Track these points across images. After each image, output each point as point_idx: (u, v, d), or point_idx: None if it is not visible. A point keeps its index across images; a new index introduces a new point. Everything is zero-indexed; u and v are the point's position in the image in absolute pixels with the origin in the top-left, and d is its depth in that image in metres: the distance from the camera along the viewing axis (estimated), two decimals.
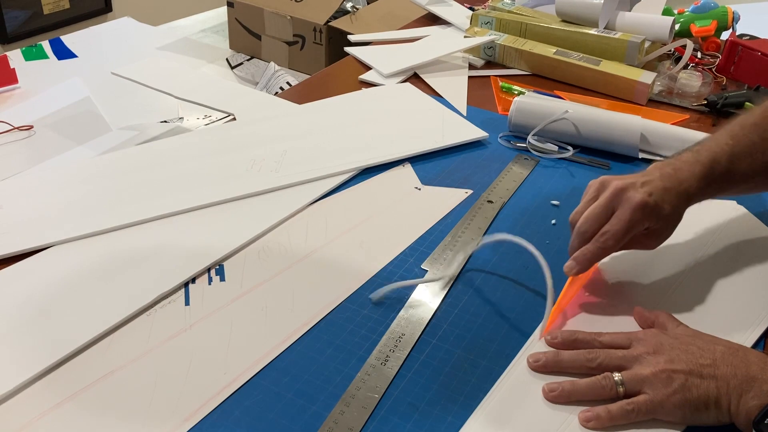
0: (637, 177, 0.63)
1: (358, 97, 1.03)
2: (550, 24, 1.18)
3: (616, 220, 0.60)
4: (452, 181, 0.83)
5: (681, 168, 0.63)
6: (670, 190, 0.61)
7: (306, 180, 0.81)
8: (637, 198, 0.60)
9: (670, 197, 0.61)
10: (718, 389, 0.50)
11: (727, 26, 1.23)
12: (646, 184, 0.61)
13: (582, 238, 0.62)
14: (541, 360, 0.55)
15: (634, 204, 0.60)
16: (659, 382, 0.51)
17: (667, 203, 0.61)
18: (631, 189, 0.61)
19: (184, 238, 0.71)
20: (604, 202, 0.61)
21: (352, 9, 1.86)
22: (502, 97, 1.06)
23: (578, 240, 0.62)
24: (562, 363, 0.55)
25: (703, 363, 0.51)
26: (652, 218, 0.61)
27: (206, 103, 1.01)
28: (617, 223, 0.60)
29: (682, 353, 0.52)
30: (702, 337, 0.55)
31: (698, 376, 0.51)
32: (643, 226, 0.61)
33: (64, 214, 0.73)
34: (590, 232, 0.61)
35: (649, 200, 0.60)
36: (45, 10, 2.41)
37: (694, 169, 0.63)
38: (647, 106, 1.05)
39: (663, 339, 0.55)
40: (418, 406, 0.53)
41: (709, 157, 0.64)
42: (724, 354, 0.52)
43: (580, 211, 0.63)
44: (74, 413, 0.51)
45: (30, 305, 0.61)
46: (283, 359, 0.57)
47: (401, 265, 0.68)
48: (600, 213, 0.61)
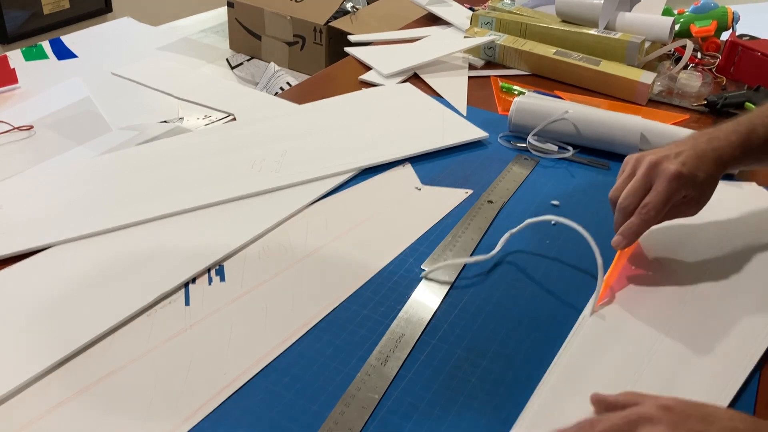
0: (671, 148, 0.65)
1: (358, 97, 1.03)
2: (550, 24, 1.18)
3: (655, 192, 0.63)
4: (452, 181, 0.83)
5: (717, 136, 0.66)
6: (702, 158, 0.64)
7: (306, 180, 0.81)
8: (672, 169, 0.63)
9: (704, 164, 0.64)
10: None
11: (727, 26, 1.24)
12: (679, 155, 0.64)
13: (624, 212, 0.64)
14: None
15: (670, 174, 0.62)
16: None
17: (701, 170, 0.63)
18: (665, 161, 0.63)
19: (184, 238, 0.71)
20: (641, 176, 0.64)
21: (352, 9, 1.86)
22: (502, 97, 1.06)
23: (621, 215, 0.65)
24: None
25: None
26: (688, 186, 0.63)
27: (206, 103, 1.01)
28: (656, 195, 0.63)
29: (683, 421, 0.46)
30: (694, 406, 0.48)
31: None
32: (680, 195, 0.64)
33: (65, 214, 0.73)
34: (632, 206, 0.64)
35: (683, 169, 0.63)
36: (45, 10, 2.41)
37: (730, 137, 0.66)
38: (647, 107, 1.05)
39: (660, 414, 0.47)
40: (418, 406, 0.53)
41: (748, 126, 0.66)
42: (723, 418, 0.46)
43: (619, 188, 0.66)
44: (74, 413, 0.51)
45: (30, 305, 0.61)
46: (283, 359, 0.57)
47: (401, 265, 0.68)
48: (639, 187, 0.64)
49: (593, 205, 0.79)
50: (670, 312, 0.63)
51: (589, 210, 0.79)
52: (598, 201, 0.80)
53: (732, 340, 0.60)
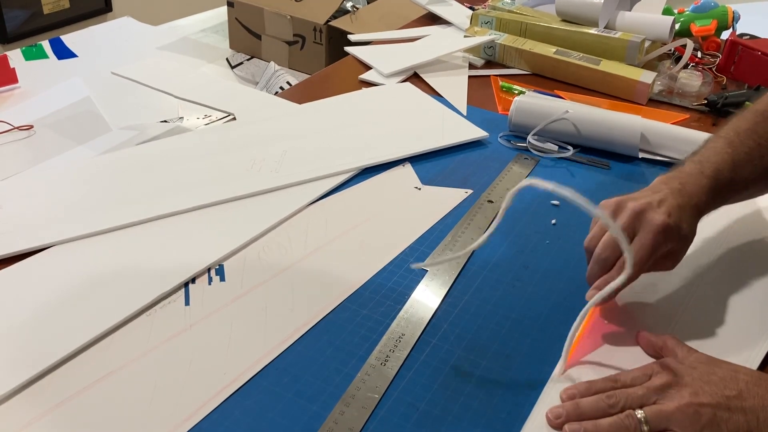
0: (650, 195, 0.60)
1: (358, 97, 1.03)
2: (550, 24, 1.18)
3: (639, 244, 0.57)
4: (452, 181, 0.83)
5: (688, 182, 0.62)
6: (684, 207, 0.59)
7: (306, 180, 0.80)
8: (658, 220, 0.57)
9: (686, 215, 0.59)
10: (748, 423, 0.48)
11: (727, 26, 1.23)
12: (662, 204, 0.59)
13: (603, 265, 0.59)
14: (562, 415, 0.51)
15: (656, 226, 0.57)
16: (686, 418, 0.48)
17: (684, 222, 0.59)
18: (649, 210, 0.58)
19: (184, 238, 0.71)
20: (623, 225, 0.58)
21: (352, 9, 1.86)
22: (502, 97, 1.06)
23: (598, 267, 0.59)
24: (583, 413, 0.51)
25: (729, 395, 0.49)
26: (674, 239, 0.58)
27: (206, 103, 1.01)
28: (640, 247, 0.57)
29: (705, 384, 0.50)
30: (720, 365, 0.52)
31: (726, 410, 0.48)
32: (665, 249, 0.58)
33: (64, 214, 0.73)
34: (612, 258, 0.58)
35: (670, 221, 0.57)
36: (45, 10, 2.41)
37: (700, 182, 0.62)
38: (647, 106, 1.05)
39: (681, 369, 0.52)
40: (418, 406, 0.53)
41: (713, 168, 0.63)
42: (749, 384, 0.50)
43: (597, 236, 0.60)
44: (74, 413, 0.51)
45: (30, 305, 0.61)
46: (283, 359, 0.57)
47: (401, 265, 0.68)
48: None
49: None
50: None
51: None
52: (598, 201, 0.79)
53: None
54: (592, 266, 0.60)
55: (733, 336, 0.60)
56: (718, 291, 0.66)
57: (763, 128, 0.66)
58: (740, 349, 0.58)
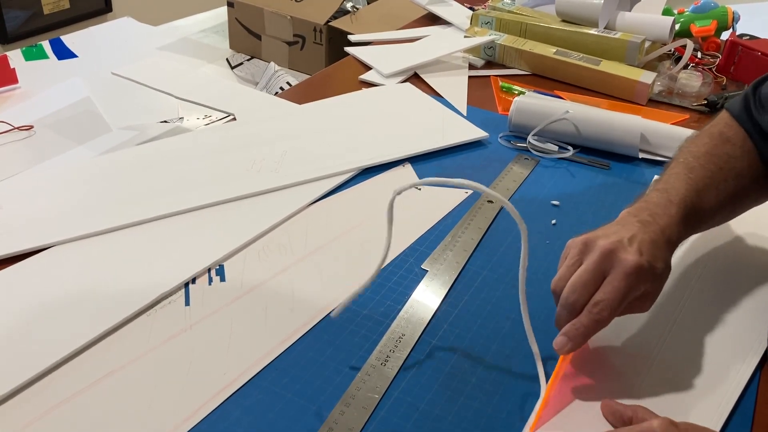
0: (620, 231, 0.56)
1: (358, 97, 1.03)
2: (550, 24, 1.18)
3: (610, 287, 0.53)
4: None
5: (657, 213, 0.58)
6: (657, 243, 0.55)
7: (306, 180, 0.80)
8: (630, 261, 0.53)
9: (660, 251, 0.55)
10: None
11: (727, 26, 1.23)
12: (632, 241, 0.54)
13: (571, 309, 0.54)
14: None
15: (628, 267, 0.52)
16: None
17: (659, 260, 0.54)
18: (620, 250, 0.54)
19: (184, 238, 0.71)
20: (592, 266, 0.54)
21: (352, 9, 1.86)
22: (502, 97, 1.06)
23: (567, 312, 0.54)
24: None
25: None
26: (647, 280, 0.54)
27: (206, 103, 1.01)
28: (611, 291, 0.52)
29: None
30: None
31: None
32: (639, 291, 0.54)
33: (64, 214, 0.73)
34: (581, 302, 0.53)
35: (643, 261, 0.53)
36: (45, 10, 2.41)
37: (669, 211, 0.58)
38: (647, 106, 1.05)
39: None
40: (418, 406, 0.53)
41: (680, 196, 0.59)
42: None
43: (564, 278, 0.55)
44: (74, 413, 0.51)
45: (30, 305, 0.61)
46: (283, 359, 0.57)
47: (401, 265, 0.68)
48: (589, 280, 0.53)
49: (593, 205, 0.79)
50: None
51: (590, 210, 0.79)
52: (598, 201, 0.80)
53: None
54: (560, 311, 0.55)
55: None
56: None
57: (721, 151, 0.64)
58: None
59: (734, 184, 0.63)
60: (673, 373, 0.57)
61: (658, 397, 0.54)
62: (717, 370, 0.57)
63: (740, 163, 0.64)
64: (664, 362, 0.58)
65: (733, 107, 0.68)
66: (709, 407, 0.54)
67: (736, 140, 0.65)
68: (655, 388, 0.55)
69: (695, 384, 0.56)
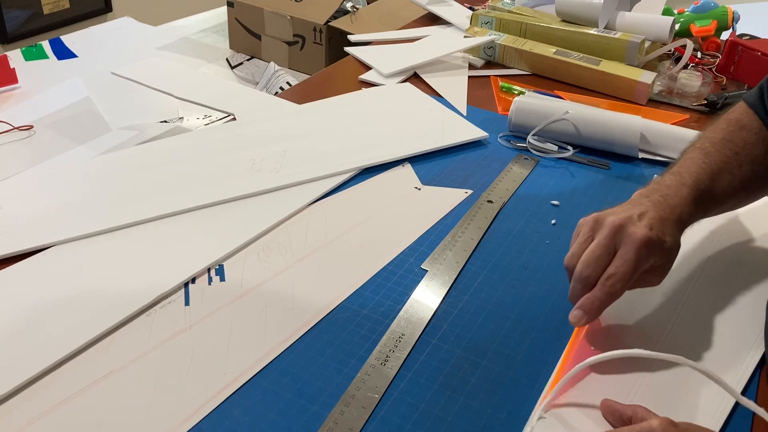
0: (630, 209, 0.58)
1: (358, 97, 1.03)
2: (550, 24, 1.18)
3: (621, 260, 0.55)
4: (452, 181, 0.83)
5: (668, 194, 0.60)
6: (666, 220, 0.57)
7: (306, 180, 0.80)
8: (639, 234, 0.55)
9: (669, 228, 0.57)
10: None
11: (727, 26, 1.23)
12: (642, 217, 0.57)
13: (585, 283, 0.56)
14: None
15: (638, 240, 0.55)
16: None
17: (668, 235, 0.57)
18: (630, 224, 0.56)
19: (184, 238, 0.71)
20: (604, 241, 0.56)
21: (352, 9, 1.86)
22: (502, 97, 1.06)
23: (581, 286, 0.56)
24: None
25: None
26: (656, 253, 0.56)
27: (206, 103, 1.01)
28: (623, 263, 0.55)
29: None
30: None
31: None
32: (648, 263, 0.56)
33: (64, 214, 0.73)
34: (594, 276, 0.56)
35: (652, 234, 0.55)
36: (45, 10, 2.41)
37: (681, 192, 0.60)
38: (647, 106, 1.05)
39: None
40: (418, 406, 0.53)
41: (693, 178, 0.61)
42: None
43: (576, 254, 0.58)
44: (74, 413, 0.51)
45: (30, 305, 0.61)
46: (283, 359, 0.57)
47: (401, 265, 0.68)
48: (601, 254, 0.56)
49: (593, 205, 0.79)
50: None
51: (590, 210, 0.78)
52: (598, 201, 0.80)
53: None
54: (574, 285, 0.57)
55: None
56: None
57: (737, 137, 0.66)
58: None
59: (749, 169, 0.65)
60: (674, 374, 0.57)
61: (658, 395, 0.55)
62: (717, 370, 0.57)
63: (756, 150, 0.66)
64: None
65: (749, 97, 0.70)
66: (709, 407, 0.54)
67: (752, 127, 0.67)
68: (656, 387, 0.56)
69: (695, 384, 0.56)
